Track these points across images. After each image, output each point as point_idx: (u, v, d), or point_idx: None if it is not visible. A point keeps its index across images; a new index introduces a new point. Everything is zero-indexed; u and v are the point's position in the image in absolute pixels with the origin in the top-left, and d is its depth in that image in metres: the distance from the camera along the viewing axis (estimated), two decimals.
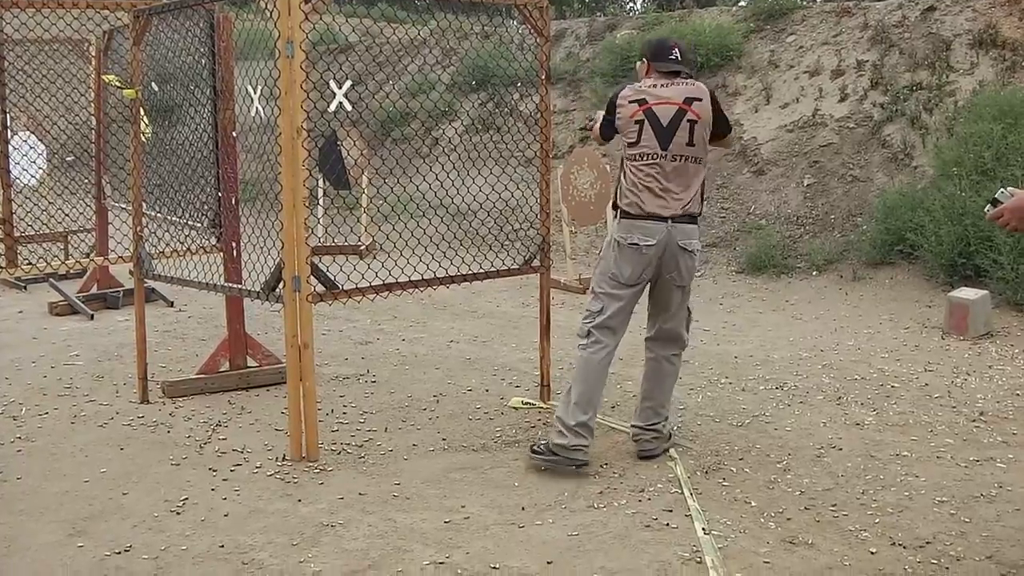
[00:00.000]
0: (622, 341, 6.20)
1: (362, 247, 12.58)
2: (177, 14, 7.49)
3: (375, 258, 10.47)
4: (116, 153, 9.87)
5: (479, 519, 5.32)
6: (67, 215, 11.70)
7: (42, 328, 10.06)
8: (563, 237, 12.12)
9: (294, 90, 5.85)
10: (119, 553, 4.97)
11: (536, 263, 7.12)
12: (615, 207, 6.17)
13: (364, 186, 13.49)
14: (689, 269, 6.13)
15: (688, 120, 6.00)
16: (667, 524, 5.25)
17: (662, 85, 6.09)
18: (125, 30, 8.68)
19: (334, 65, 13.63)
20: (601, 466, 6.03)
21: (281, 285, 6.05)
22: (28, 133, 11.65)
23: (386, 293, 6.44)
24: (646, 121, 6.02)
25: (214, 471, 6.07)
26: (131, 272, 10.76)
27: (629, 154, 6.10)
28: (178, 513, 5.48)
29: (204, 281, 6.96)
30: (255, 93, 9.61)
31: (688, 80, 6.16)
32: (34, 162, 11.54)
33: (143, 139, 7.48)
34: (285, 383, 7.23)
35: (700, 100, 6.07)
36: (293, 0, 5.84)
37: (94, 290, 11.09)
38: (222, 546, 5.08)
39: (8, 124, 8.58)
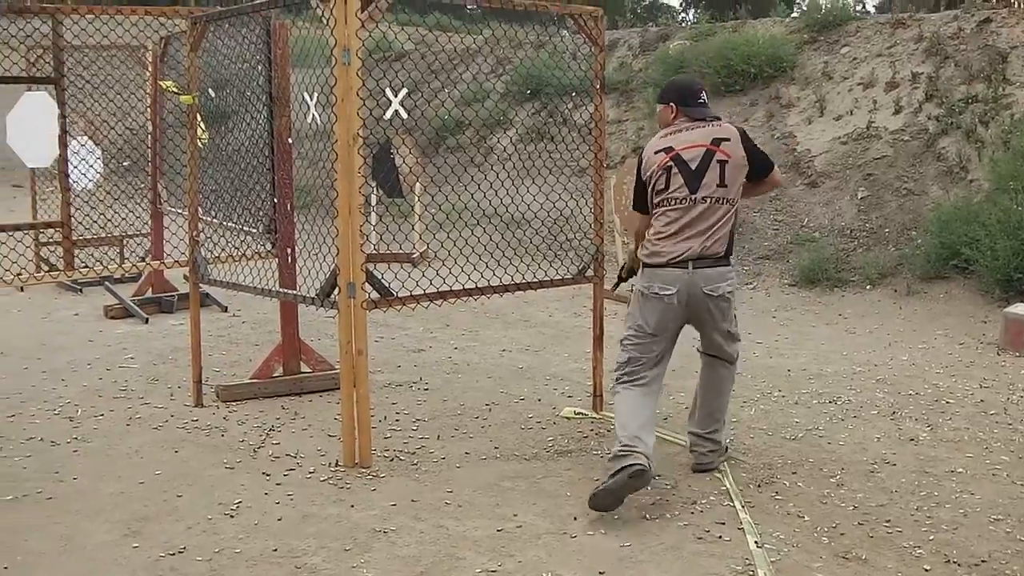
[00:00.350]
0: (675, 349, 6.16)
1: (415, 255, 12.59)
2: (233, 21, 7.55)
3: (429, 266, 10.50)
4: (172, 158, 9.94)
5: (531, 528, 5.32)
6: (123, 219, 11.81)
7: (97, 331, 10.15)
8: (615, 247, 12.10)
9: (350, 97, 5.88)
10: (174, 554, 5.01)
11: (590, 273, 7.12)
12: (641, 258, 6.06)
13: (419, 194, 13.50)
14: (723, 312, 5.94)
15: (718, 161, 5.82)
16: (719, 537, 5.23)
17: (686, 129, 5.92)
18: (181, 37, 8.77)
19: (388, 73, 13.67)
20: (655, 477, 6.00)
21: (336, 291, 6.08)
22: (85, 138, 11.75)
23: (440, 301, 6.45)
24: (674, 167, 5.83)
25: (267, 475, 6.10)
26: (185, 277, 10.89)
27: (656, 201, 5.92)
28: (232, 516, 5.51)
29: (259, 286, 7.01)
30: (311, 100, 9.65)
31: (715, 121, 6.01)
32: (91, 166, 11.64)
33: (199, 145, 7.54)
34: (338, 389, 7.27)
35: (728, 140, 5.89)
36: (350, 8, 5.87)
37: (149, 294, 11.19)
38: (275, 550, 5.10)
39: (67, 128, 8.64)
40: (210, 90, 7.79)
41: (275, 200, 7.52)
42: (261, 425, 7.02)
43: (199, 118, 7.48)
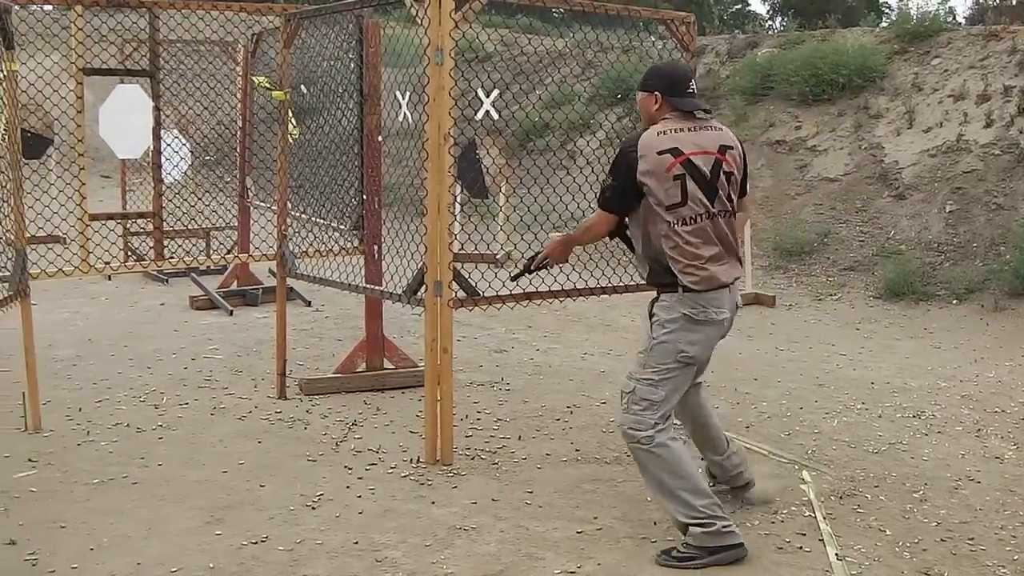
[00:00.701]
0: (757, 357, 6.09)
1: (500, 256, 12.64)
2: (326, 19, 7.63)
3: (513, 268, 10.51)
4: (260, 153, 10.05)
5: (611, 531, 5.32)
6: (211, 212, 11.96)
7: (183, 321, 10.29)
8: None
9: (442, 97, 5.91)
10: (256, 543, 5.07)
11: None
12: (664, 284, 5.20)
13: (505, 196, 13.54)
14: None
15: (725, 172, 5.13)
16: (799, 547, 5.19)
17: (690, 129, 5.10)
18: (273, 33, 8.86)
19: (476, 74, 13.72)
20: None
21: (423, 289, 6.11)
22: (175, 131, 11.91)
23: (526, 302, 6.48)
24: (688, 176, 5.00)
25: (349, 469, 6.16)
26: (270, 271, 11.00)
27: (672, 218, 5.01)
28: (313, 508, 5.57)
29: (347, 282, 7.07)
30: (404, 99, 9.72)
31: (716, 124, 5.28)
32: (180, 159, 11.81)
33: (290, 140, 7.62)
34: (420, 386, 7.31)
35: (732, 148, 5.21)
36: (444, 8, 5.91)
37: (234, 286, 11.31)
38: (356, 543, 5.15)
39: (161, 121, 8.77)
40: (302, 86, 7.87)
41: (363, 197, 7.57)
42: (343, 419, 7.08)
43: (290, 114, 7.56)
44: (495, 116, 13.64)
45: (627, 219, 5.29)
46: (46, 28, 7.34)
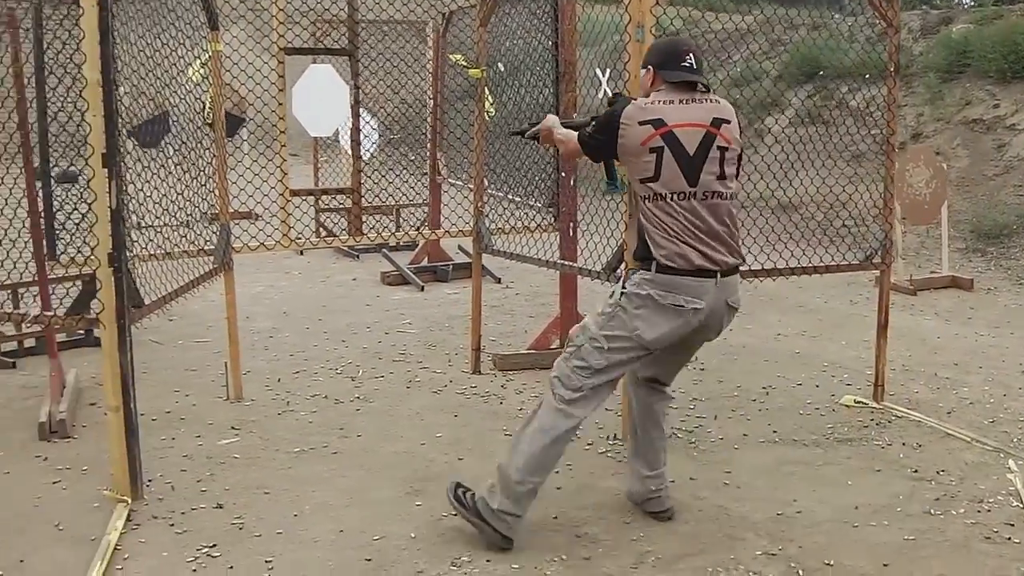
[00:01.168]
0: (956, 342, 5.86)
1: None
2: None
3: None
4: (450, 131, 10.11)
5: (811, 514, 5.24)
6: (397, 189, 12.10)
7: (375, 296, 10.45)
8: (895, 235, 11.77)
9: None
10: (456, 515, 5.09)
11: (877, 260, 6.94)
12: (642, 257, 4.87)
13: None
14: (725, 326, 5.03)
15: (719, 147, 4.77)
16: (1008, 538, 5.03)
17: (681, 101, 4.80)
18: (464, 12, 8.90)
19: None
20: (938, 472, 5.82)
21: (622, 265, 6.08)
22: (364, 109, 12.09)
23: None
24: (666, 149, 4.71)
25: None
26: (460, 248, 11.10)
27: (646, 192, 4.78)
28: None
29: (544, 258, 7.09)
30: (604, 76, 9.66)
31: (713, 96, 4.92)
32: (367, 137, 11.97)
33: (486, 118, 7.65)
34: None
35: (729, 122, 4.86)
36: None
37: (425, 262, 11.44)
38: (555, 517, 5.18)
39: (360, 99, 8.90)
40: (499, 64, 7.90)
41: (560, 174, 7.56)
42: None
43: (487, 92, 7.59)
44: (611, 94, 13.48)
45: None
46: (234, 7, 7.47)
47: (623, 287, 4.88)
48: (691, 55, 4.90)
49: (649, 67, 4.98)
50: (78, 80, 5.44)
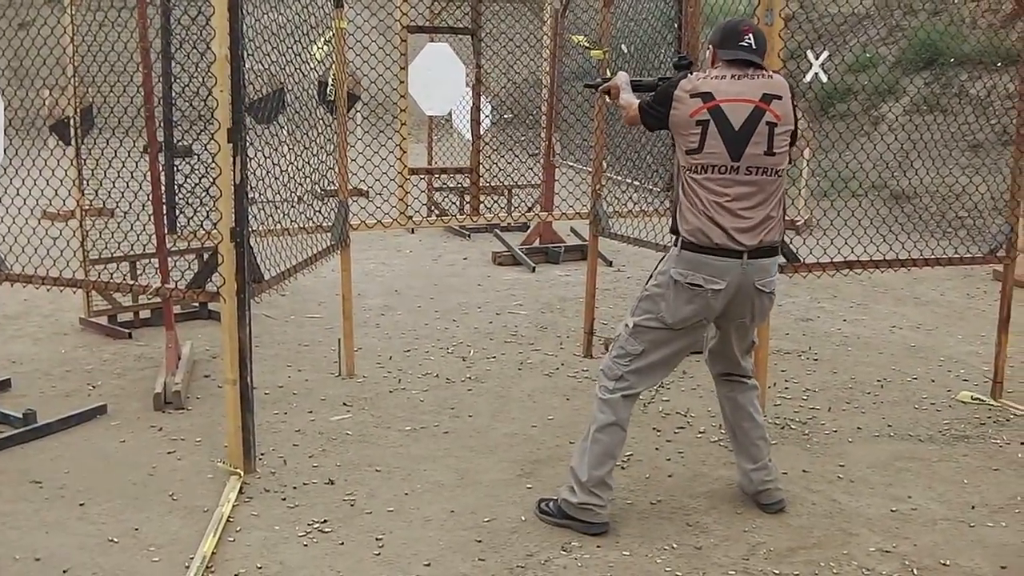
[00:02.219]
0: None
1: (800, 222, 12.40)
2: None
3: (810, 234, 10.27)
4: (566, 113, 10.08)
5: (926, 512, 5.15)
6: (517, 170, 12.10)
7: (486, 276, 10.48)
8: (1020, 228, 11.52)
9: (772, 58, 5.78)
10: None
11: (1001, 253, 6.78)
12: (674, 231, 4.91)
13: (807, 160, 13.25)
14: (764, 311, 5.02)
15: (768, 123, 4.73)
16: None
17: (733, 77, 4.77)
18: None
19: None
20: None
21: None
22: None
23: (846, 271, 6.33)
24: (712, 122, 4.71)
25: (658, 431, 6.15)
26: (572, 230, 11.08)
27: (689, 164, 4.80)
28: (623, 468, 5.58)
29: (661, 243, 7.03)
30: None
31: (767, 73, 4.87)
32: (483, 117, 11.98)
33: (607, 100, 7.60)
34: None
35: (780, 98, 4.79)
36: None
37: (536, 244, 11.44)
38: (666, 505, 5.14)
39: (482, 79, 8.92)
40: (623, 46, 7.85)
41: (677, 158, 7.49)
42: None
43: (608, 73, 7.54)
44: (824, 79, 13.34)
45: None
46: None
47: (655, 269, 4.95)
48: (750, 35, 4.85)
49: (711, 46, 4.95)
50: (205, 56, 5.50)
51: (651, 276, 4.98)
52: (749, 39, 4.82)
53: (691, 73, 4.90)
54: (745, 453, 5.17)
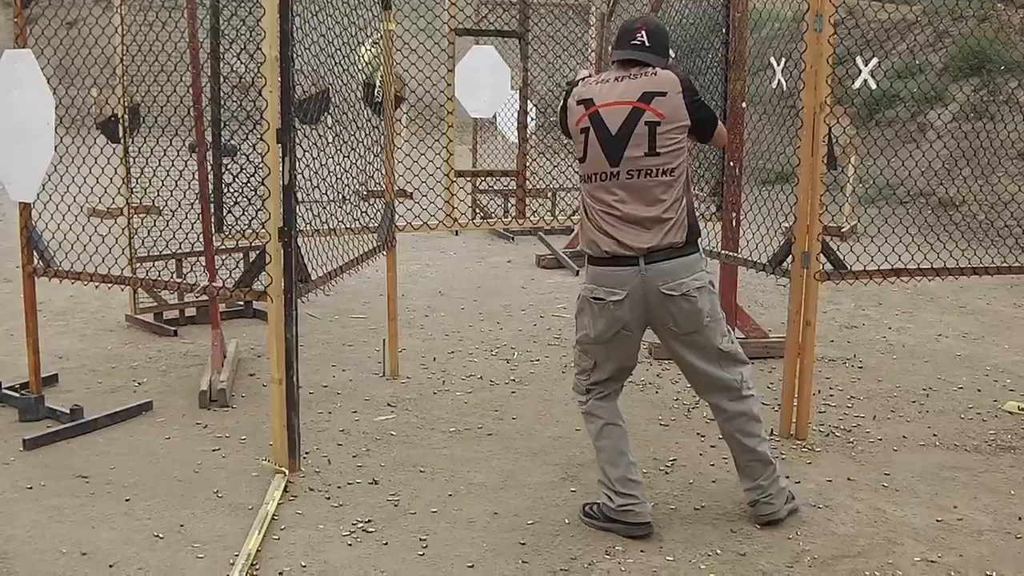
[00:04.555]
0: None
1: (845, 228, 12.35)
2: None
3: (857, 241, 10.24)
4: None
5: (972, 522, 5.10)
6: (565, 173, 12.10)
7: (530, 279, 10.49)
8: None
9: (820, 64, 5.77)
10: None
11: None
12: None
13: (854, 167, 13.18)
14: (690, 316, 4.69)
15: (647, 123, 4.57)
16: None
17: (616, 79, 4.66)
18: None
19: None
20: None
21: (789, 260, 6.00)
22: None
23: (893, 278, 6.29)
24: (591, 129, 4.65)
25: (702, 436, 6.13)
26: None
27: (581, 174, 4.80)
28: (667, 473, 5.57)
29: (707, 248, 7.02)
30: (778, 66, 9.56)
31: (651, 70, 4.67)
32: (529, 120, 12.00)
33: None
34: (770, 357, 7.27)
35: (663, 94, 4.58)
36: None
37: (580, 247, 11.41)
38: (710, 511, 5.12)
39: (528, 81, 8.93)
40: (671, 51, 7.83)
41: (724, 164, 7.49)
42: None
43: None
44: (873, 85, 13.26)
45: None
46: None
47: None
48: (643, 32, 4.75)
49: (611, 48, 4.90)
50: (255, 57, 5.54)
51: None
52: (642, 37, 4.73)
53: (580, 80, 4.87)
54: (740, 470, 5.03)
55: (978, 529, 5.02)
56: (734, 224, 7.51)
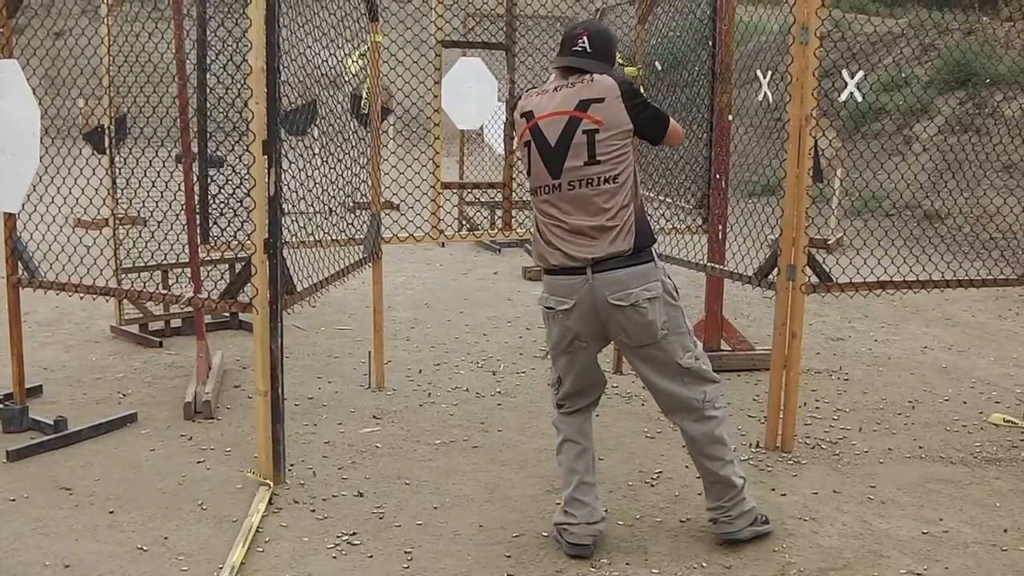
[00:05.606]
0: None
1: (831, 240, 12.36)
2: None
3: (843, 253, 10.25)
4: None
5: (958, 535, 5.10)
6: None
7: (516, 291, 10.48)
8: None
9: (806, 77, 5.78)
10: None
11: None
12: None
13: (840, 179, 13.20)
14: (641, 327, 4.59)
15: (585, 131, 4.48)
16: None
17: (554, 89, 4.60)
18: (616, 9, 8.87)
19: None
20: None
21: (775, 272, 6.00)
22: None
23: (879, 291, 6.30)
24: (532, 143, 4.61)
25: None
26: None
27: (529, 190, 4.76)
28: (652, 485, 5.57)
29: (692, 260, 7.03)
30: (764, 79, 9.58)
31: (588, 77, 4.56)
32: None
33: None
34: (755, 370, 7.29)
35: (600, 100, 4.49)
36: None
37: None
38: (695, 523, 5.11)
39: (515, 93, 8.94)
40: (657, 63, 7.85)
41: (711, 176, 7.49)
42: None
43: (641, 90, 7.54)
44: (859, 98, 13.29)
45: None
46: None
47: None
48: (585, 38, 4.63)
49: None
50: (241, 68, 5.53)
51: None
52: (583, 43, 4.62)
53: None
54: (704, 488, 4.94)
55: (964, 542, 5.03)
56: (720, 236, 7.52)
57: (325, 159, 6.28)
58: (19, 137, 5.80)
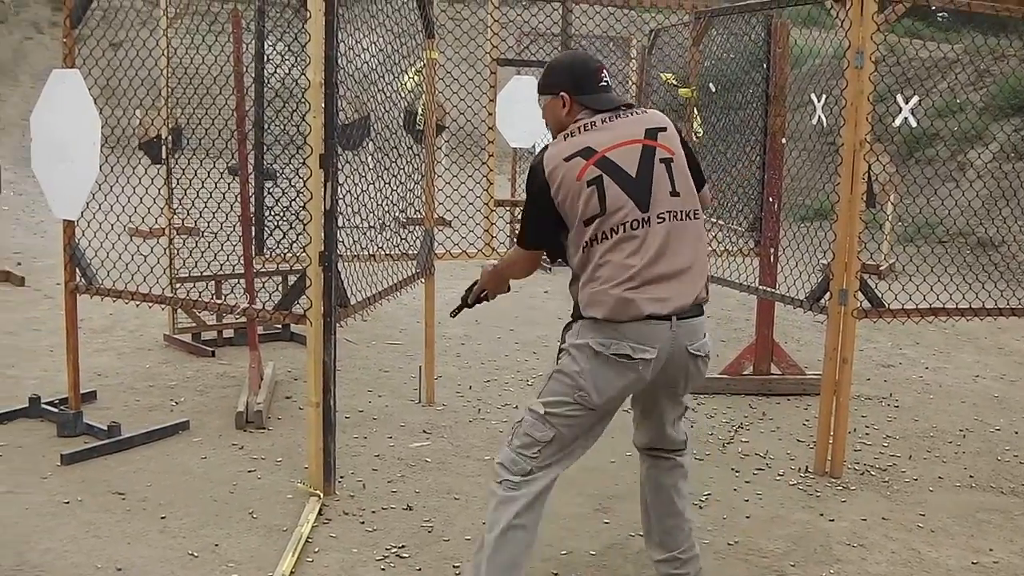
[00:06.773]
0: None
1: (883, 266, 12.30)
2: (735, 18, 7.59)
3: (895, 279, 10.19)
4: None
5: (1008, 566, 5.06)
6: None
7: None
8: None
9: (861, 101, 5.77)
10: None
11: None
12: (577, 317, 4.11)
13: (893, 205, 13.13)
14: (697, 377, 4.19)
15: (661, 160, 4.01)
16: None
17: (603, 122, 4.04)
18: (670, 30, 8.89)
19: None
20: None
21: (827, 296, 5.99)
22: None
23: (931, 317, 6.26)
24: (604, 176, 3.93)
25: (736, 472, 6.11)
26: None
27: (593, 235, 3.94)
28: (700, 507, 5.55)
29: (743, 283, 7.02)
30: (819, 102, 9.57)
31: (638, 108, 4.18)
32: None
33: (695, 138, 7.63)
34: (806, 394, 7.24)
35: (665, 130, 4.08)
36: (867, 10, 5.75)
37: None
38: (743, 546, 5.10)
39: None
40: (711, 84, 7.86)
41: (764, 199, 7.49)
42: (730, 421, 7.04)
43: (696, 112, 7.56)
44: (913, 123, 13.24)
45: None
46: (450, 18, 7.62)
47: (561, 344, 4.21)
48: (604, 72, 4.19)
49: (563, 94, 4.13)
50: (299, 83, 5.59)
51: (560, 351, 4.20)
52: (605, 77, 4.18)
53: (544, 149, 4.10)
54: (653, 540, 4.51)
55: (1014, 573, 5.00)
56: (772, 259, 7.50)
57: (380, 174, 6.33)
58: (80, 146, 5.88)
